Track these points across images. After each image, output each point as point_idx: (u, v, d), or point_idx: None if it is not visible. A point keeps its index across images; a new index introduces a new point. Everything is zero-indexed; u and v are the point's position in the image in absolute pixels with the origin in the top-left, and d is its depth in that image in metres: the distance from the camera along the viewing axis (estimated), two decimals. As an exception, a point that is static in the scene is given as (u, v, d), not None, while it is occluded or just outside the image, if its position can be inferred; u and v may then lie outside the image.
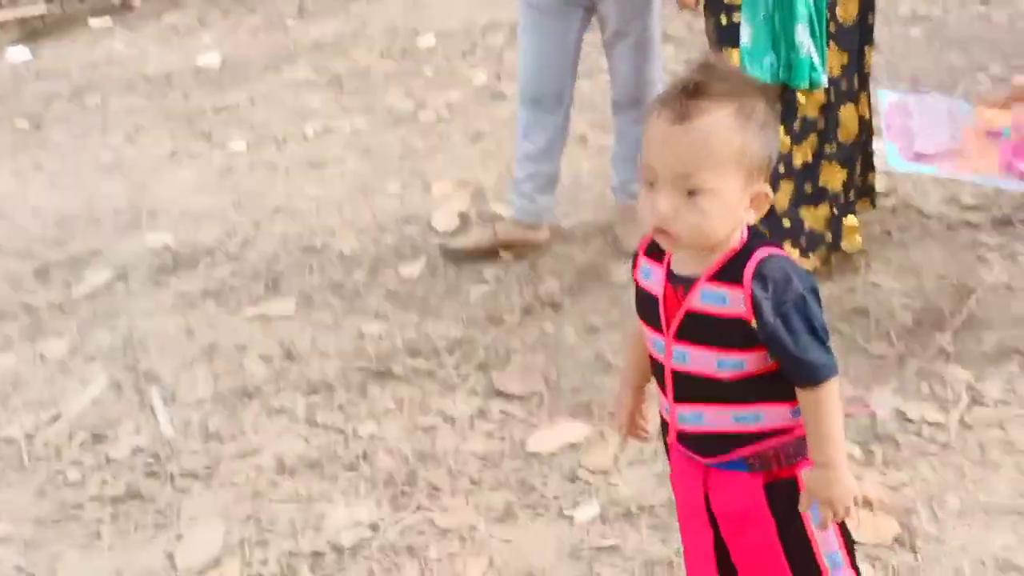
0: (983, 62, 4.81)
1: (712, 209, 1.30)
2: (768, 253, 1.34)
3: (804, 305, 1.33)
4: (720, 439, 1.41)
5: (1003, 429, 2.24)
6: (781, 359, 1.35)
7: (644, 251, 1.46)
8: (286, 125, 5.17)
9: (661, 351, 1.42)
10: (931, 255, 3.02)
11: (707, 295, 1.35)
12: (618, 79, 3.26)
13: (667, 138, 1.30)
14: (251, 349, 2.93)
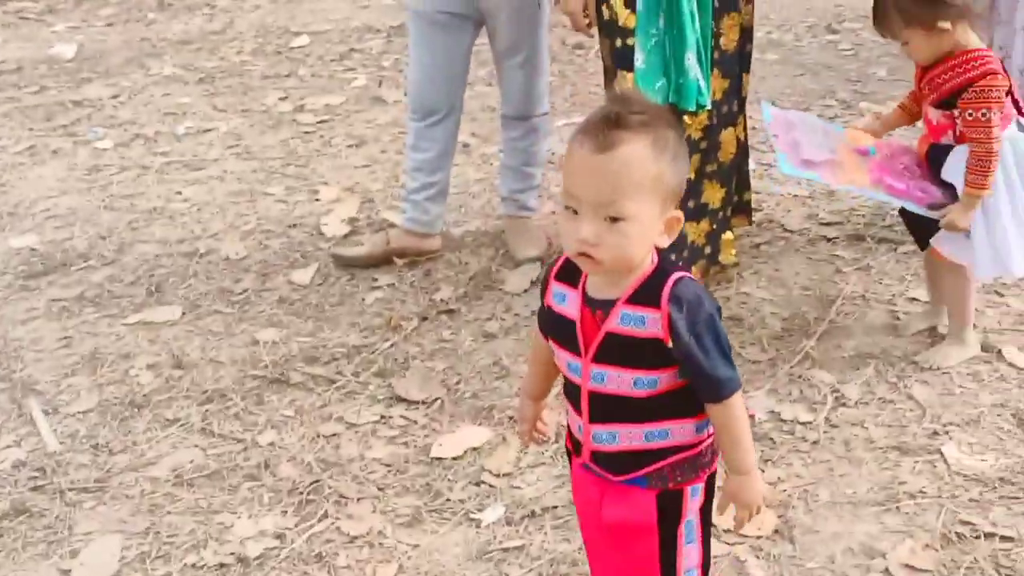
0: (832, 87, 5.15)
1: (632, 234, 1.38)
2: (680, 276, 1.45)
3: (714, 324, 1.43)
4: (632, 457, 1.49)
5: (864, 427, 2.45)
6: (694, 376, 1.44)
7: (555, 276, 1.52)
8: (156, 123, 5.05)
9: (577, 373, 1.49)
10: (795, 268, 3.24)
11: (626, 317, 1.43)
12: (508, 93, 3.35)
13: (591, 167, 1.37)
14: (137, 357, 2.88)
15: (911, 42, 2.44)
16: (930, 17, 2.37)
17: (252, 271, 3.40)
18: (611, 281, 1.44)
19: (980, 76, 2.37)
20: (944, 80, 2.44)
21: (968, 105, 2.38)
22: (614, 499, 1.53)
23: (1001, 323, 2.84)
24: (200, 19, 7.62)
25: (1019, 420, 2.44)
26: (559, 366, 1.54)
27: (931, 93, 2.48)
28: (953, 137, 2.49)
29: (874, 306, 2.99)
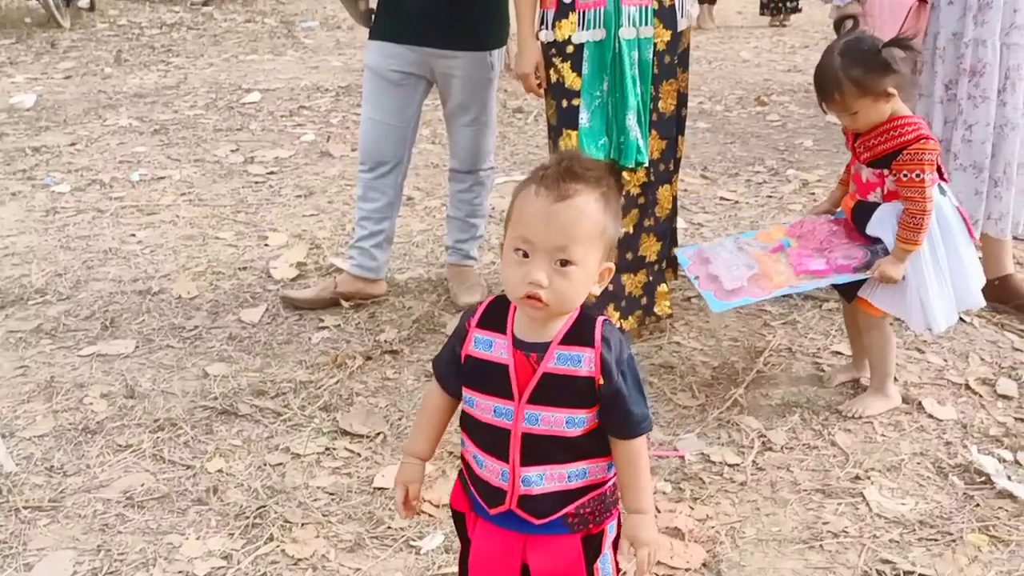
0: (761, 155, 5.43)
1: (578, 279, 1.49)
2: (604, 318, 1.57)
3: (634, 365, 1.56)
4: (555, 498, 1.57)
5: (789, 471, 2.59)
6: (614, 413, 1.53)
7: (477, 324, 1.59)
8: (112, 170, 5.14)
9: (508, 417, 1.54)
10: (725, 321, 3.41)
11: (562, 357, 1.52)
12: (457, 149, 3.51)
13: (548, 215, 1.47)
14: (91, 387, 2.94)
15: (861, 111, 2.59)
16: (881, 84, 2.55)
17: (203, 309, 3.48)
18: (539, 326, 1.53)
19: (914, 140, 2.56)
20: (879, 143, 2.62)
21: (903, 167, 2.56)
22: (539, 549, 1.59)
23: (921, 377, 3.02)
24: (155, 75, 7.74)
25: (938, 468, 2.59)
26: (479, 416, 1.57)
27: (865, 153, 2.66)
28: (881, 195, 2.67)
29: (800, 358, 3.17)
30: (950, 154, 3.24)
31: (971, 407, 2.86)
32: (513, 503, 1.57)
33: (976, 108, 3.16)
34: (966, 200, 3.19)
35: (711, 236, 4.19)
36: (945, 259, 2.66)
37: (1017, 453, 2.63)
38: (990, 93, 3.14)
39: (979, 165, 3.20)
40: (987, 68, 3.13)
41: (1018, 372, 3.05)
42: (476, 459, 1.61)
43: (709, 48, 8.79)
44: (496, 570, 1.63)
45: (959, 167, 3.22)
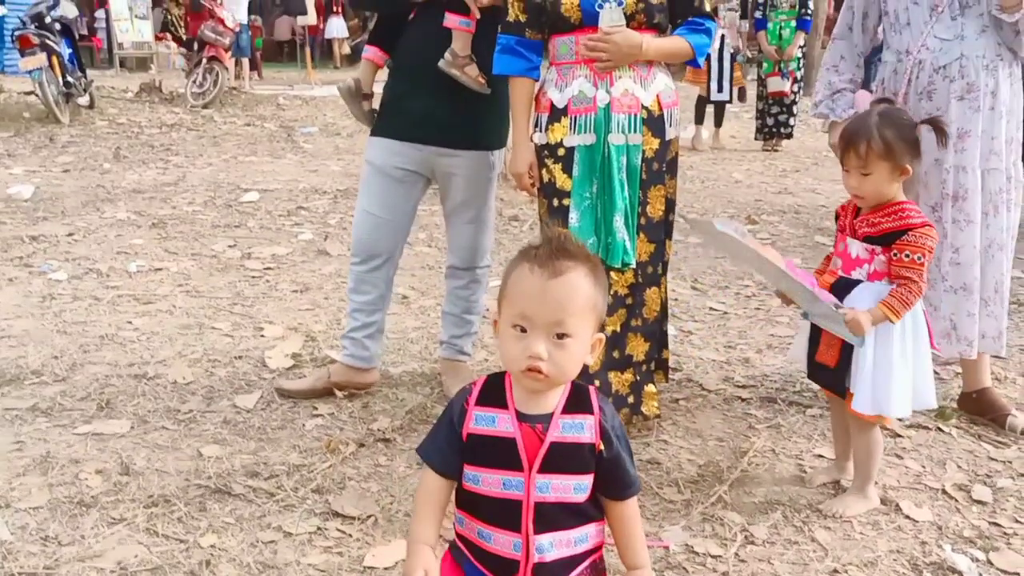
0: (749, 271, 5.57)
1: (575, 350, 1.59)
2: (594, 387, 1.68)
3: (623, 430, 1.66)
4: (563, 564, 1.64)
5: (770, 563, 2.64)
6: (612, 477, 1.62)
7: (476, 403, 1.66)
8: (109, 260, 5.25)
9: (519, 488, 1.61)
10: (711, 422, 3.50)
11: (566, 425, 1.61)
12: (456, 247, 3.63)
13: (544, 291, 1.57)
14: (86, 463, 2.98)
15: (875, 175, 2.69)
16: (904, 156, 2.68)
17: (198, 394, 3.54)
18: (539, 399, 1.62)
19: (920, 224, 2.69)
20: (883, 220, 2.73)
21: (906, 247, 2.67)
22: None
23: (900, 481, 3.10)
24: (153, 172, 7.95)
25: (913, 565, 2.65)
26: (487, 492, 1.62)
27: (865, 228, 2.76)
28: (866, 273, 2.77)
29: (783, 459, 3.25)
30: (939, 275, 3.31)
31: (947, 510, 2.94)
32: (528, 572, 1.62)
33: (961, 232, 3.27)
34: (959, 322, 3.30)
35: (700, 344, 4.31)
36: (911, 355, 2.76)
37: (989, 553, 2.70)
38: (974, 217, 3.25)
39: (969, 287, 3.28)
40: (968, 194, 3.25)
41: (993, 480, 3.13)
42: (481, 534, 1.66)
43: (703, 168, 9.10)
44: None
45: (949, 289, 3.31)
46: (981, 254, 3.30)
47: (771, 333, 4.48)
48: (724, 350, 4.25)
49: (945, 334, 3.35)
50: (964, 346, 3.33)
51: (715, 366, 4.05)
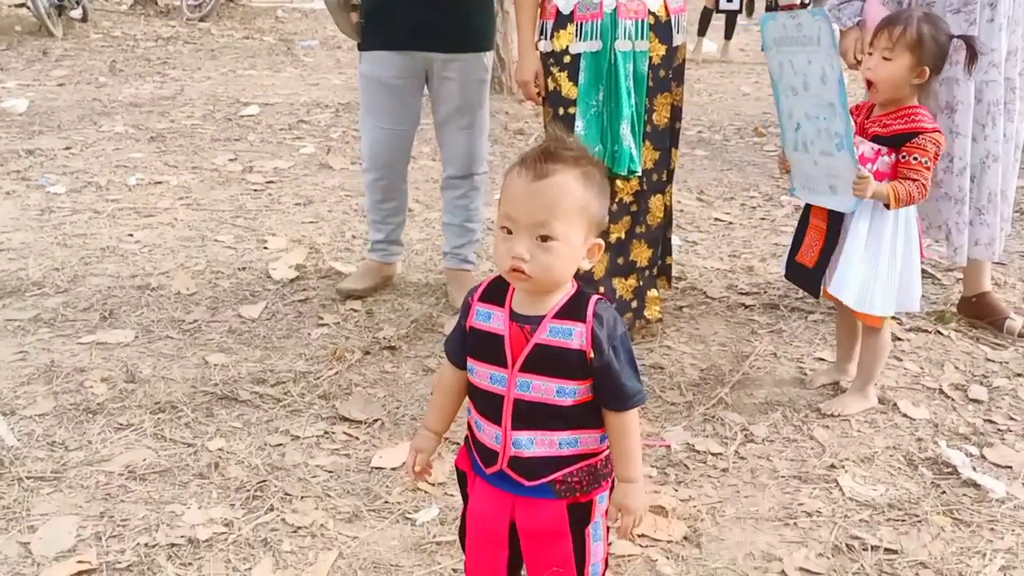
0: (756, 182, 5.55)
1: (560, 253, 1.58)
2: (600, 296, 1.67)
3: (627, 342, 1.66)
4: (544, 462, 1.67)
5: (769, 460, 2.68)
6: (606, 387, 1.62)
7: (479, 298, 1.70)
8: (108, 174, 5.22)
9: (502, 384, 1.65)
10: (714, 328, 3.52)
11: (554, 330, 1.62)
12: (452, 155, 3.60)
13: (528, 193, 1.57)
14: (91, 371, 3.01)
15: (895, 64, 2.67)
16: (930, 57, 2.67)
17: (202, 305, 3.56)
18: (537, 300, 1.64)
19: (932, 129, 2.68)
20: (895, 122, 2.72)
21: (915, 150, 2.67)
22: (525, 510, 1.69)
23: (898, 382, 3.13)
24: (151, 85, 7.86)
25: (909, 460, 2.69)
26: (477, 383, 1.68)
27: (876, 128, 2.74)
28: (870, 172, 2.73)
29: (784, 363, 3.27)
30: (935, 182, 3.34)
31: (943, 409, 2.97)
32: (504, 463, 1.67)
33: (954, 142, 3.26)
34: (951, 228, 3.32)
35: (705, 254, 4.31)
36: (900, 257, 2.78)
37: (984, 449, 2.74)
38: (963, 129, 3.24)
39: (957, 198, 3.30)
40: (959, 106, 3.24)
41: (989, 380, 3.16)
42: (476, 423, 1.72)
43: (710, 81, 8.98)
44: (488, 526, 1.73)
45: (943, 196, 3.32)
46: (977, 165, 3.29)
47: (775, 242, 4.47)
48: (728, 259, 4.25)
49: (945, 237, 3.38)
50: (951, 251, 3.37)
51: (719, 274, 4.05)
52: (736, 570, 2.23)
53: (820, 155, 2.78)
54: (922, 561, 2.26)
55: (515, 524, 1.71)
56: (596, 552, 1.74)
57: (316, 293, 3.69)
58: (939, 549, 2.30)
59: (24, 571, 2.12)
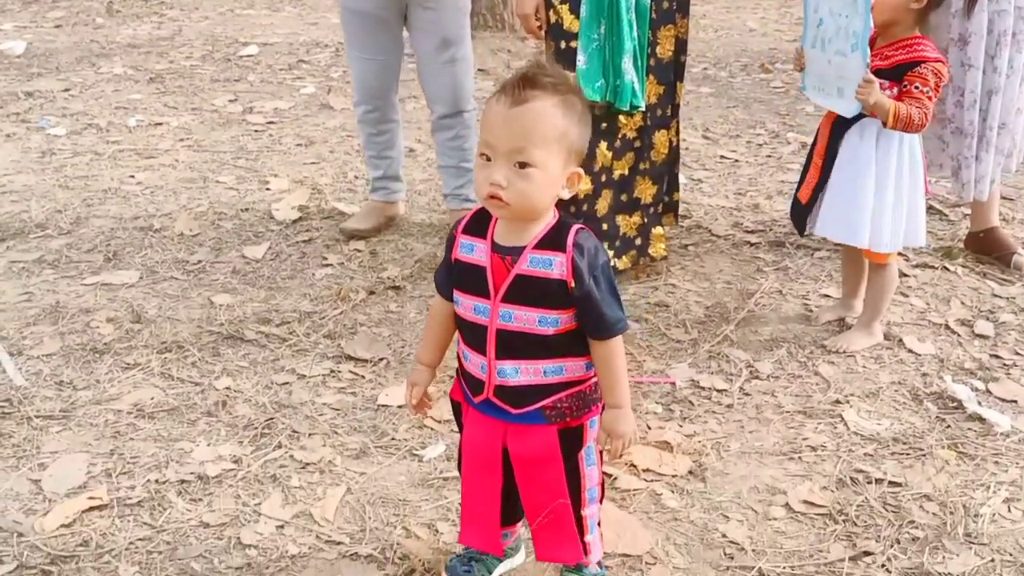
0: (762, 119, 5.50)
1: (538, 181, 1.57)
2: (580, 226, 1.66)
3: (608, 271, 1.65)
4: (531, 390, 1.68)
5: (774, 396, 2.69)
6: (588, 315, 1.63)
7: (463, 231, 1.70)
8: (108, 115, 5.18)
9: (485, 314, 1.66)
10: (720, 266, 3.51)
11: (535, 260, 1.62)
12: (439, 92, 3.51)
13: (505, 119, 1.56)
14: (97, 312, 3.01)
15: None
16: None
17: (206, 246, 3.55)
18: (518, 230, 1.63)
19: (934, 59, 2.65)
20: (897, 53, 2.69)
21: (916, 79, 2.63)
22: (517, 436, 1.71)
23: (904, 318, 3.13)
24: (148, 26, 7.76)
25: (914, 395, 2.70)
26: (463, 315, 1.70)
27: (878, 60, 2.70)
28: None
29: (789, 300, 3.26)
30: (945, 118, 3.31)
31: (949, 344, 2.97)
32: (490, 392, 1.70)
33: (966, 75, 3.23)
34: (963, 163, 3.29)
35: (711, 192, 4.28)
36: (906, 192, 2.76)
37: (989, 384, 2.75)
38: (975, 61, 3.20)
39: (967, 132, 3.27)
40: (972, 37, 3.20)
41: (996, 315, 3.15)
42: (464, 354, 1.74)
43: (716, 17, 8.84)
44: (482, 453, 1.76)
45: (954, 130, 3.30)
46: (984, 97, 3.26)
47: (781, 180, 4.44)
48: (734, 197, 4.23)
49: (954, 173, 3.36)
50: (959, 186, 3.34)
51: (724, 212, 4.03)
52: (741, 503, 2.24)
53: (835, 55, 2.75)
54: (926, 494, 2.27)
55: (508, 451, 1.73)
56: (591, 476, 1.77)
57: (319, 234, 3.68)
58: (943, 482, 2.32)
59: (36, 507, 2.14)
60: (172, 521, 2.11)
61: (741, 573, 2.01)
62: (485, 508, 1.80)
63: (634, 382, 2.71)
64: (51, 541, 2.03)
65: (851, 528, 2.16)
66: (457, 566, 1.93)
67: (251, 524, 2.11)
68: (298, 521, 2.12)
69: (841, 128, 2.79)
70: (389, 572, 1.97)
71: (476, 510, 1.82)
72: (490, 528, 1.81)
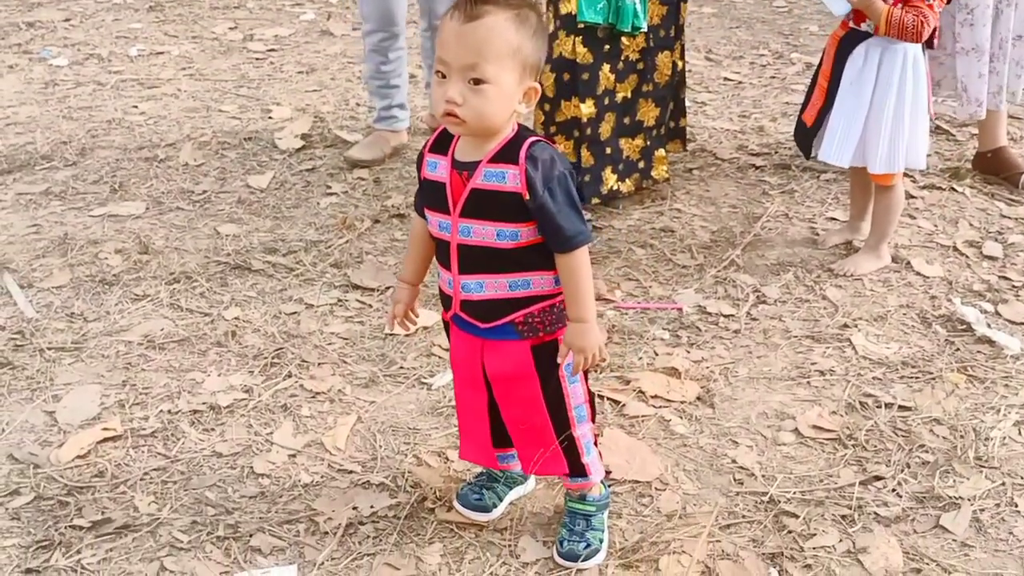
0: (765, 40, 5.41)
1: (492, 96, 1.56)
2: (536, 139, 1.64)
3: (566, 182, 1.63)
4: (497, 305, 1.69)
5: (781, 320, 2.70)
6: (546, 228, 1.62)
7: (429, 149, 1.71)
8: (109, 45, 5.12)
9: (447, 230, 1.67)
10: (725, 190, 3.48)
11: (489, 174, 1.62)
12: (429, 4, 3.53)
13: (457, 35, 1.55)
14: (105, 243, 3.02)
15: None
16: None
17: (211, 175, 3.54)
18: (476, 146, 1.63)
19: None
20: None
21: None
22: (492, 352, 1.73)
23: (912, 240, 3.12)
24: (146, -48, 7.59)
25: (923, 318, 2.70)
26: (431, 231, 1.71)
27: None
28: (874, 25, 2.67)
29: (796, 223, 3.25)
30: (951, 37, 3.24)
31: (957, 266, 2.97)
32: (457, 307, 1.72)
33: None
34: (969, 84, 3.24)
35: (714, 115, 4.23)
36: (907, 114, 2.72)
37: (998, 305, 2.75)
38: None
39: (980, 48, 3.21)
40: None
41: (1004, 236, 3.14)
42: (438, 272, 1.77)
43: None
44: (465, 368, 1.80)
45: (961, 50, 3.24)
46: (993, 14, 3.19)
47: (786, 101, 4.39)
48: (738, 119, 4.18)
49: (957, 96, 3.31)
50: (974, 107, 3.29)
51: (729, 135, 3.99)
52: (749, 429, 2.26)
53: None
54: (936, 418, 2.29)
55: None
56: (576, 394, 1.78)
57: (323, 162, 3.66)
58: (953, 405, 2.33)
59: (51, 439, 2.17)
60: (186, 451, 2.14)
61: (751, 499, 2.04)
62: (475, 423, 1.85)
63: (640, 308, 2.72)
64: (67, 472, 2.06)
65: (861, 453, 2.18)
66: (468, 494, 1.95)
67: (263, 453, 2.13)
68: (310, 450, 2.15)
69: (846, 49, 2.75)
70: (401, 500, 2.00)
71: (468, 426, 1.87)
72: (483, 443, 1.86)
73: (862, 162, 2.77)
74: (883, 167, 2.75)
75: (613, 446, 2.13)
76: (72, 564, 1.83)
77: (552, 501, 2.01)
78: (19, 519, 1.94)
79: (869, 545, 1.90)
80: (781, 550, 1.90)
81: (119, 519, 1.93)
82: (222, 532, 1.91)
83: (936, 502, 2.03)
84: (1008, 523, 1.98)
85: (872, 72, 2.70)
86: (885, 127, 2.71)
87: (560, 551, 1.85)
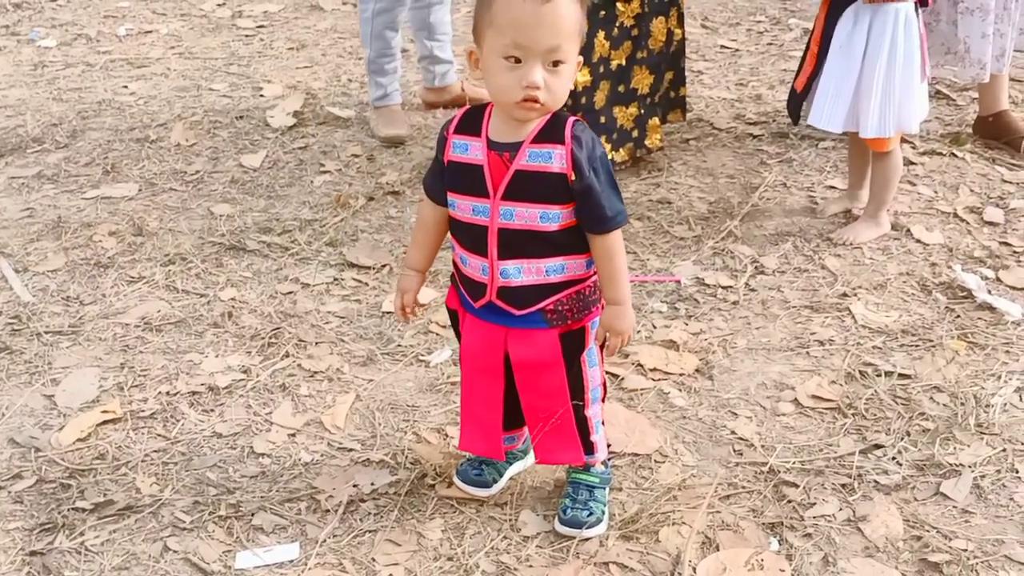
0: (762, 5, 5.35)
1: (568, 76, 1.56)
2: (576, 118, 1.63)
3: (607, 162, 1.63)
4: (534, 290, 1.67)
5: (780, 291, 2.69)
6: (589, 208, 1.61)
7: (455, 130, 1.66)
8: (97, 25, 5.07)
9: (485, 214, 1.64)
10: (722, 160, 3.46)
11: (534, 154, 1.60)
12: None
13: (537, 18, 1.51)
14: (99, 226, 3.00)
15: None
16: None
17: (203, 155, 3.51)
18: (514, 126, 1.60)
19: None
20: None
21: None
22: (518, 341, 1.71)
23: (911, 207, 3.10)
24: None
25: (923, 286, 2.69)
26: (460, 217, 1.67)
27: None
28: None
29: (794, 192, 3.23)
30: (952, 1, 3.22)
31: (958, 233, 2.95)
32: (493, 295, 1.69)
33: None
34: (973, 44, 3.21)
35: (711, 83, 4.20)
36: (898, 77, 2.69)
37: (999, 272, 2.74)
38: None
39: (985, 8, 3.18)
40: None
41: (1005, 201, 3.13)
42: (462, 259, 1.72)
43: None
44: (483, 359, 1.76)
45: (965, 10, 3.21)
46: None
47: (783, 68, 4.35)
48: (735, 88, 4.15)
49: (960, 58, 3.27)
50: (977, 69, 3.26)
51: (726, 104, 3.96)
52: (749, 400, 2.26)
53: None
54: (936, 385, 2.28)
55: (509, 357, 1.73)
56: (593, 377, 1.79)
57: (316, 140, 3.63)
58: (954, 373, 2.32)
59: (51, 422, 2.16)
60: (186, 432, 2.13)
61: (751, 469, 2.04)
62: (487, 414, 1.81)
63: (638, 281, 2.71)
64: (68, 455, 2.06)
65: (861, 422, 2.17)
66: (468, 470, 1.95)
67: (263, 433, 2.13)
68: (309, 429, 2.15)
69: (836, 11, 2.72)
70: (401, 477, 1.99)
71: (477, 417, 1.83)
72: (492, 434, 1.82)
73: (854, 127, 2.75)
74: (874, 131, 2.73)
75: (612, 419, 2.13)
76: (76, 546, 1.83)
77: (552, 475, 2.01)
78: (22, 502, 1.94)
79: (869, 513, 1.90)
80: (781, 520, 1.90)
81: (121, 501, 1.93)
82: (224, 512, 1.91)
83: (936, 469, 2.03)
84: (1009, 489, 1.98)
85: (863, 34, 2.68)
86: (876, 90, 2.68)
87: (563, 518, 1.85)
